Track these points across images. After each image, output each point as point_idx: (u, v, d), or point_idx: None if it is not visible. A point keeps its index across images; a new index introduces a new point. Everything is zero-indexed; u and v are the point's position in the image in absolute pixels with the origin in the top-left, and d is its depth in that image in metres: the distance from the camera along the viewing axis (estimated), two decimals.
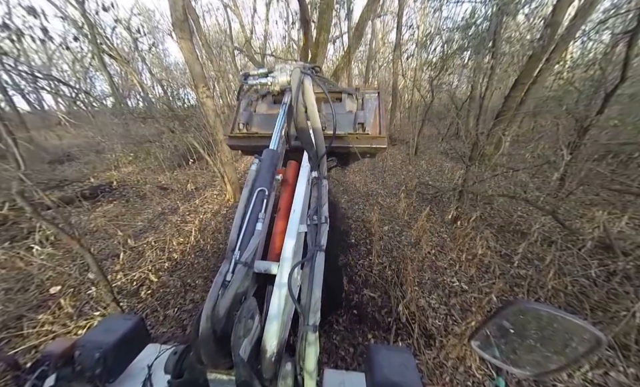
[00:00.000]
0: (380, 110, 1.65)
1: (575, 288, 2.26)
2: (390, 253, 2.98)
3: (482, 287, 2.41)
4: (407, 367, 0.58)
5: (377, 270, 2.71)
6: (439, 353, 1.78)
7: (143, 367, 0.67)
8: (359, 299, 2.34)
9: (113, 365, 0.63)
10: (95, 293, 2.23)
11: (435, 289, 2.46)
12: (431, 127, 8.41)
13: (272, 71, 1.08)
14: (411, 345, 1.90)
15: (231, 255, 0.65)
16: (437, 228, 3.37)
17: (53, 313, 2.10)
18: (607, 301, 2.12)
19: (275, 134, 1.03)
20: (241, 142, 1.68)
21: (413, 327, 1.98)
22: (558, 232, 2.99)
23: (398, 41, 7.72)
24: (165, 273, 2.68)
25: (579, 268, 2.43)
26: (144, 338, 0.74)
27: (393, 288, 2.44)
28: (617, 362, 1.70)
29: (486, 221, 3.34)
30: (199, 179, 5.34)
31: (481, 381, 1.66)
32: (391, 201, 4.23)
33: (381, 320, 2.13)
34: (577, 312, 2.08)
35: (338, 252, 2.98)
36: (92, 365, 0.59)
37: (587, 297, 2.18)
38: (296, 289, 0.72)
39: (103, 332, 0.67)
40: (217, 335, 0.52)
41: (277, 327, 0.62)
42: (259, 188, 0.79)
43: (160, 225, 3.56)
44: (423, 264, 2.76)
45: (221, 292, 0.56)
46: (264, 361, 0.58)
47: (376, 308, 2.25)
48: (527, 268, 2.53)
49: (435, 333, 1.96)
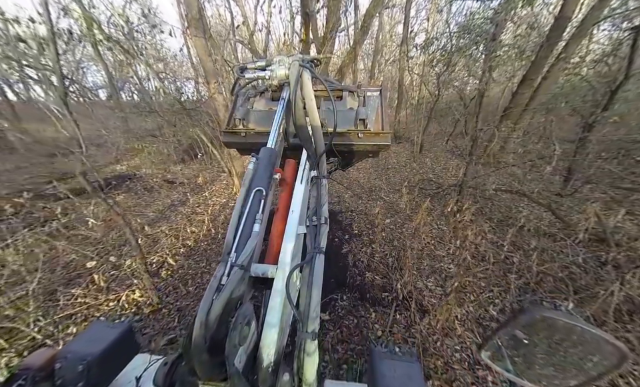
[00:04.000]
0: (382, 107, 1.68)
1: (564, 273, 2.59)
2: (391, 243, 3.33)
3: (477, 273, 2.74)
4: (412, 378, 0.56)
5: (379, 257, 3.06)
6: (431, 322, 2.13)
7: (131, 380, 0.65)
8: (361, 280, 2.70)
9: (98, 378, 0.62)
10: (126, 270, 2.62)
11: (432, 274, 2.80)
12: (437, 125, 8.73)
13: (270, 64, 1.08)
14: (408, 318, 2.24)
15: (226, 257, 0.65)
16: (437, 221, 3.71)
17: (86, 287, 2.48)
18: (594, 285, 2.44)
19: (273, 131, 1.05)
20: (236, 139, 1.68)
21: (410, 303, 2.33)
22: (556, 225, 3.32)
23: (405, 36, 8.07)
24: (181, 258, 3.06)
25: (571, 257, 2.75)
26: (132, 348, 0.73)
27: (393, 272, 2.79)
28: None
29: (485, 215, 3.67)
30: (205, 174, 5.75)
31: (468, 345, 2.00)
32: (393, 197, 4.57)
33: (382, 298, 2.48)
34: (562, 293, 2.41)
35: (343, 241, 3.34)
36: (74, 378, 0.58)
37: (574, 281, 2.51)
38: (294, 293, 0.73)
39: (87, 342, 0.65)
40: (210, 343, 0.51)
41: (275, 334, 0.62)
42: (256, 188, 0.81)
43: (171, 216, 3.95)
44: (422, 252, 3.10)
45: (215, 297, 0.56)
46: (260, 372, 0.58)
47: (377, 288, 2.60)
48: (517, 255, 2.86)
49: (429, 309, 2.30)
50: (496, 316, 2.27)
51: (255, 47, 7.62)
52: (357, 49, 6.18)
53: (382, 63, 11.72)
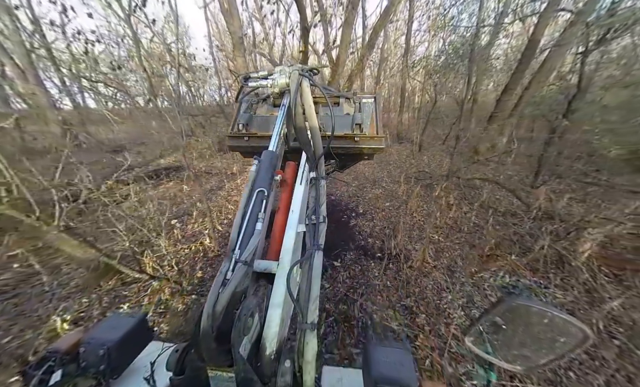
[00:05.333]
0: (377, 113, 1.81)
1: (515, 238, 3.50)
2: (389, 220, 4.28)
3: (454, 239, 3.68)
4: (403, 364, 0.63)
5: (378, 229, 4.01)
6: (412, 265, 3.08)
7: (146, 365, 0.71)
8: (365, 243, 3.66)
9: (117, 362, 0.70)
10: (196, 226, 3.68)
11: (419, 241, 3.73)
12: (437, 128, 9.68)
13: (272, 73, 1.18)
14: (398, 266, 3.18)
15: (231, 254, 0.72)
16: (427, 204, 4.65)
17: (169, 238, 3.52)
18: (533, 245, 3.34)
19: (274, 135, 1.13)
20: (240, 143, 1.78)
21: (400, 257, 3.27)
22: (521, 208, 4.23)
23: (407, 48, 9.10)
24: (224, 227, 4.08)
25: (527, 228, 3.66)
26: (147, 336, 0.81)
27: (388, 239, 3.74)
28: (527, 274, 2.93)
29: (467, 199, 4.60)
30: (238, 165, 6.84)
31: (439, 282, 2.92)
32: (393, 187, 5.53)
33: (379, 255, 3.43)
34: (511, 249, 3.31)
35: (350, 217, 4.32)
36: (96, 361, 0.66)
37: (522, 243, 3.42)
38: (295, 287, 0.78)
39: (107, 329, 0.74)
40: (217, 333, 0.56)
41: (277, 325, 0.68)
42: (258, 189, 0.86)
43: (212, 197, 5.00)
44: (413, 226, 4.05)
45: (221, 291, 0.62)
46: (263, 359, 0.64)
47: (376, 249, 3.55)
48: (486, 227, 3.79)
49: (414, 263, 3.24)
50: (461, 265, 3.20)
51: (273, 57, 8.74)
52: (364, 61, 7.20)
53: (387, 71, 12.76)
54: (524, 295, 2.28)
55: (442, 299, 2.67)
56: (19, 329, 2.32)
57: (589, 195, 4.31)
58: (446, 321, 2.34)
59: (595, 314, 2.28)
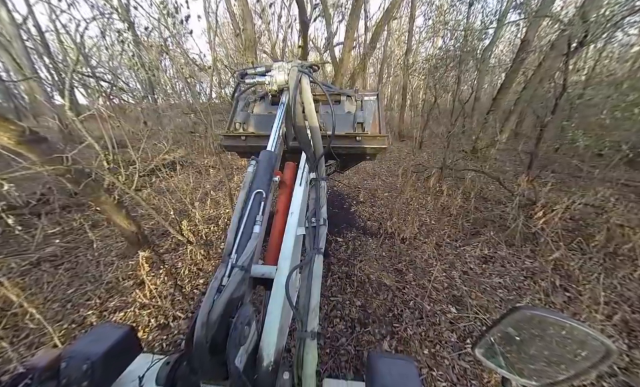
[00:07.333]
0: (379, 111, 1.77)
1: (497, 219, 4.09)
2: (386, 207, 4.88)
3: (444, 222, 4.27)
4: (408, 378, 0.61)
5: (377, 214, 4.61)
6: (408, 246, 3.67)
7: (134, 379, 0.69)
8: (364, 225, 4.25)
9: (102, 378, 0.65)
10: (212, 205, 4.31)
11: (413, 224, 4.33)
12: (437, 127, 10.27)
13: (270, 70, 1.16)
14: (393, 242, 3.77)
15: (227, 258, 0.71)
16: (422, 192, 5.24)
17: (189, 220, 4.15)
18: (511, 224, 3.91)
19: (273, 135, 1.11)
20: (237, 142, 1.74)
21: (395, 236, 3.86)
22: (503, 193, 4.82)
23: (409, 46, 9.69)
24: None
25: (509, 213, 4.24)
26: (135, 348, 0.78)
27: (385, 222, 4.33)
28: (503, 247, 3.52)
29: (459, 189, 5.19)
30: (239, 162, 7.46)
31: (428, 254, 3.51)
32: (392, 180, 6.12)
33: (377, 234, 4.02)
34: (492, 227, 3.89)
35: (352, 205, 4.92)
36: (79, 377, 0.61)
37: (502, 223, 4.00)
38: (294, 294, 0.78)
39: (91, 342, 0.70)
40: (211, 343, 0.55)
41: (275, 334, 0.68)
42: (256, 190, 0.86)
43: (221, 188, 5.62)
44: (408, 211, 4.64)
45: (216, 297, 0.61)
46: (260, 371, 0.63)
47: (374, 229, 4.15)
48: (474, 213, 4.38)
49: (407, 241, 3.83)
50: (448, 241, 3.78)
51: (276, 55, 9.36)
52: (366, 60, 7.81)
53: (390, 67, 13.37)
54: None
55: (429, 266, 3.26)
56: (79, 283, 2.96)
57: (566, 184, 4.89)
58: (428, 278, 2.93)
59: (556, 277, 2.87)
